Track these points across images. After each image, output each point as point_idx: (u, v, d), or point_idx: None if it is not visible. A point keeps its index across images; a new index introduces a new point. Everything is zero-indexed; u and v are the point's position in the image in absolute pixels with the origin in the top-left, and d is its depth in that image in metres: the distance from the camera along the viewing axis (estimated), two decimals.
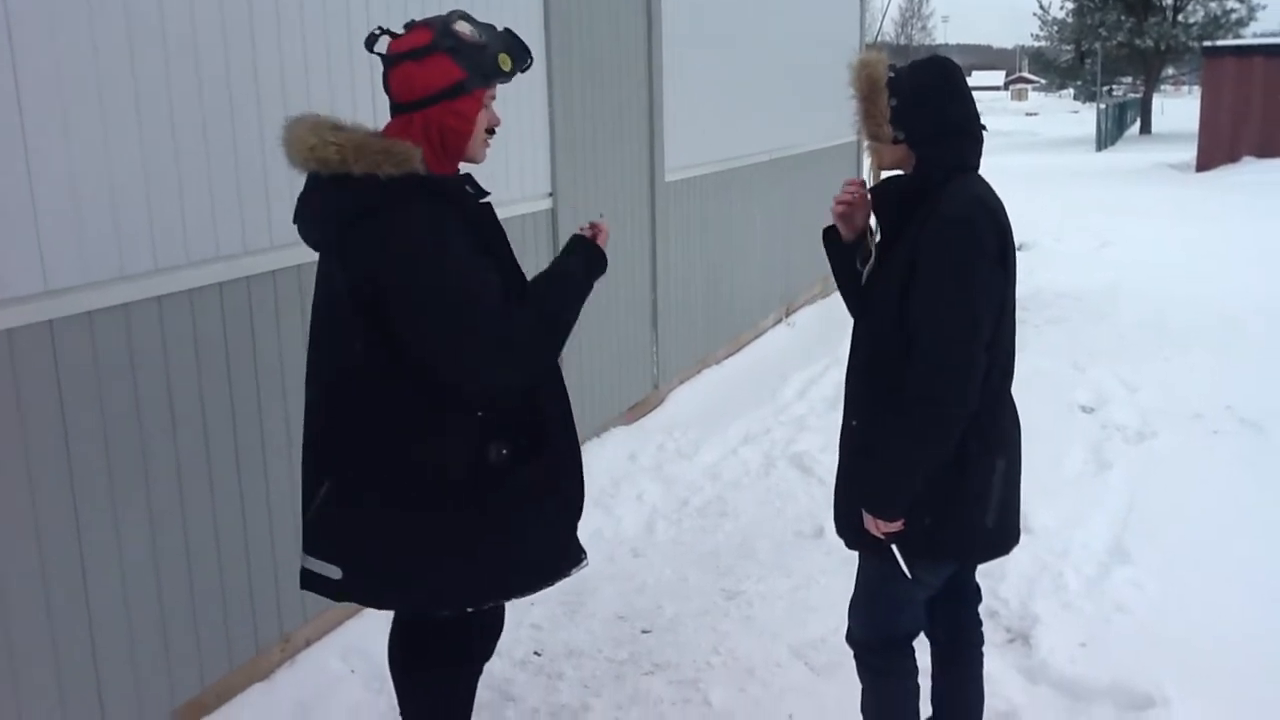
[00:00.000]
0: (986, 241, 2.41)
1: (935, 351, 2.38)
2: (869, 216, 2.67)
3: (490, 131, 2.46)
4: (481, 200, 2.45)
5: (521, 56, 2.44)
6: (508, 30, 2.46)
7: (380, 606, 2.64)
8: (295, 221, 2.47)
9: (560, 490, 2.55)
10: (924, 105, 2.50)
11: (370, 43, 2.41)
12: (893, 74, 2.53)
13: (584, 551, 2.62)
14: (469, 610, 2.55)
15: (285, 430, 3.47)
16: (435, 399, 2.33)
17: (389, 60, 2.37)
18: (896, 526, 2.49)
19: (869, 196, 2.61)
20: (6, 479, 2.61)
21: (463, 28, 2.35)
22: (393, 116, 2.40)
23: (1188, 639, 3.61)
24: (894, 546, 2.51)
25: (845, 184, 2.67)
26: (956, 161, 2.51)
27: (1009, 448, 2.60)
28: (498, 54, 2.39)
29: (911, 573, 2.53)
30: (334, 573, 2.44)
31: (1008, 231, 2.48)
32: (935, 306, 2.39)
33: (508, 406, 2.41)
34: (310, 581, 2.51)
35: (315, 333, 2.46)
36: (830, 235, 2.76)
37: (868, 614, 2.70)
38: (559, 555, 2.58)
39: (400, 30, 2.40)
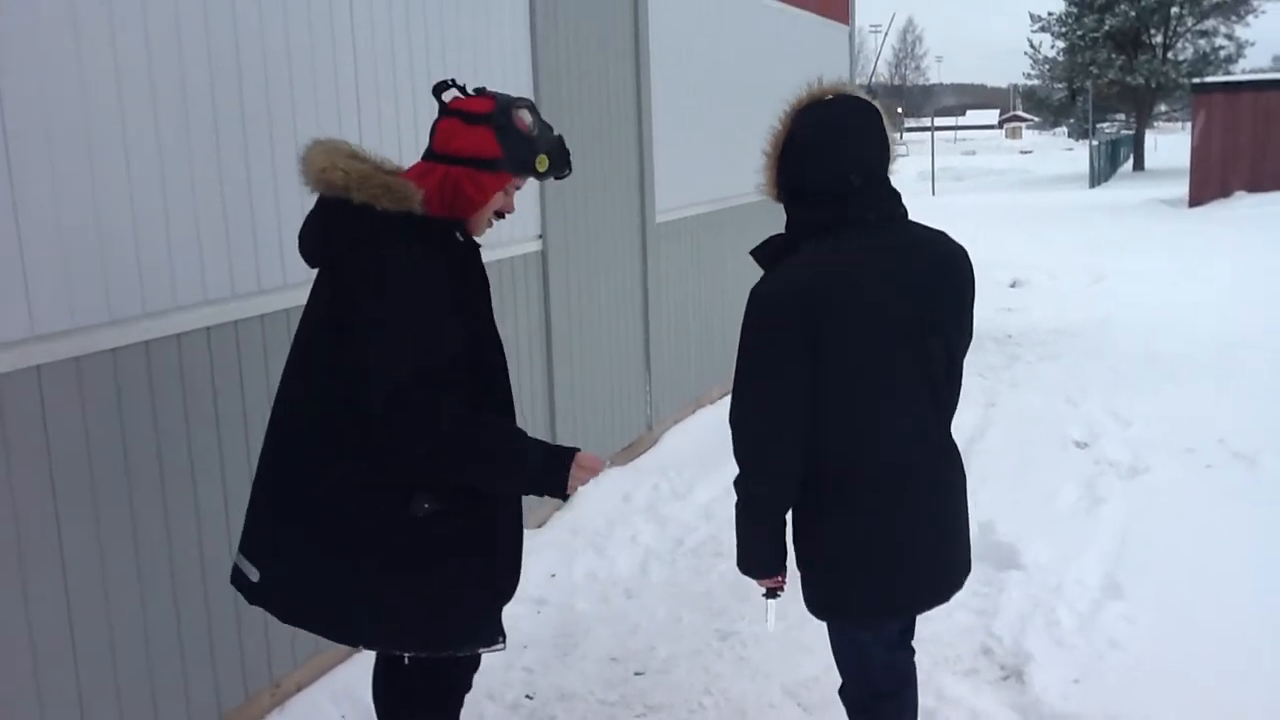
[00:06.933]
0: (779, 323, 2.29)
1: (734, 427, 2.48)
2: None
3: (500, 215, 2.55)
4: (471, 247, 2.49)
5: (560, 165, 2.52)
6: (560, 137, 2.53)
7: (294, 624, 2.57)
8: (300, 237, 2.54)
9: (496, 558, 2.49)
10: (787, 159, 2.37)
11: (439, 90, 2.51)
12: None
13: (501, 636, 2.51)
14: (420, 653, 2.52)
15: None
16: (373, 437, 2.26)
17: (444, 111, 2.48)
18: (773, 582, 2.57)
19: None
20: None
21: (523, 116, 2.44)
22: (423, 160, 2.48)
23: (1181, 674, 3.59)
24: (767, 599, 2.63)
25: None
26: (825, 219, 2.34)
27: (882, 506, 2.44)
28: (540, 153, 2.46)
29: (772, 627, 2.64)
30: (253, 574, 2.46)
31: (833, 309, 2.28)
32: (735, 383, 2.44)
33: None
34: (237, 579, 2.53)
35: (293, 353, 2.51)
36: None
37: (839, 668, 2.74)
38: (473, 622, 2.47)
39: (471, 91, 2.50)
